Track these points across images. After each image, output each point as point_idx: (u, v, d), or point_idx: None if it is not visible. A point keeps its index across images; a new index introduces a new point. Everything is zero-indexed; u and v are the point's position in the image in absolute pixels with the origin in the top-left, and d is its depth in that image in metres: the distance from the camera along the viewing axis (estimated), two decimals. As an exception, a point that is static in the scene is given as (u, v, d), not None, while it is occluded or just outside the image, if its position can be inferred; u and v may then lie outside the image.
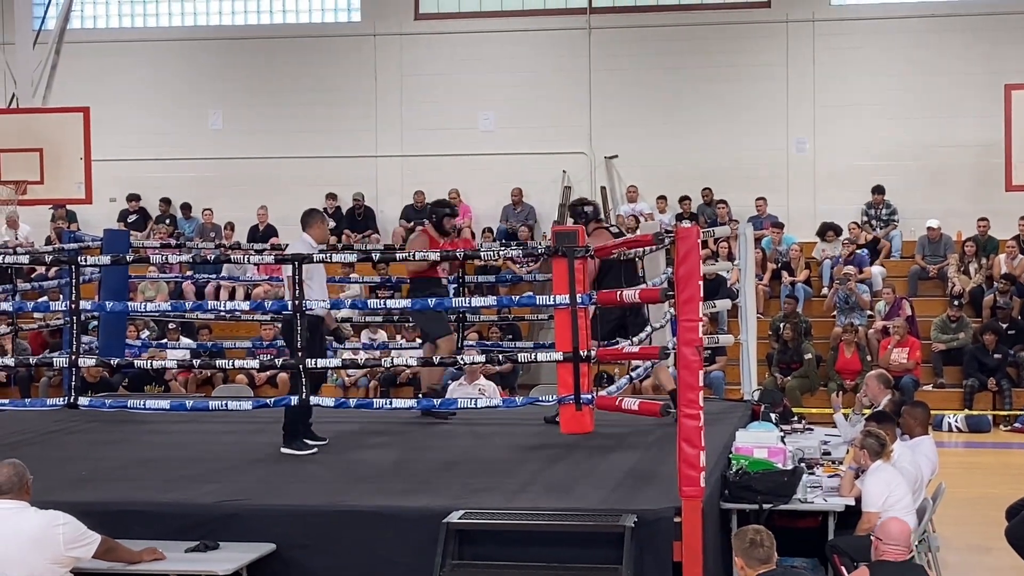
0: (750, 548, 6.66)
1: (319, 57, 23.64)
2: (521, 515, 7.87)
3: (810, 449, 10.37)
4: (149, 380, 17.01)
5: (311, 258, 9.67)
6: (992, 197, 20.51)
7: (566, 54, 23.09)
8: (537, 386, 15.49)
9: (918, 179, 21.95)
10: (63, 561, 6.85)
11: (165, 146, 23.69)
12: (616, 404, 9.29)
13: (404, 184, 23.37)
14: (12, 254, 12.75)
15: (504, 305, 10.68)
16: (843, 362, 19.00)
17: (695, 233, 7.94)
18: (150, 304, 13.55)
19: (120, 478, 9.33)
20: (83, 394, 10.44)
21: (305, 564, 7.93)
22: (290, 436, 9.94)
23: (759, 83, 22.50)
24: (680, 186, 22.45)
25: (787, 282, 20.71)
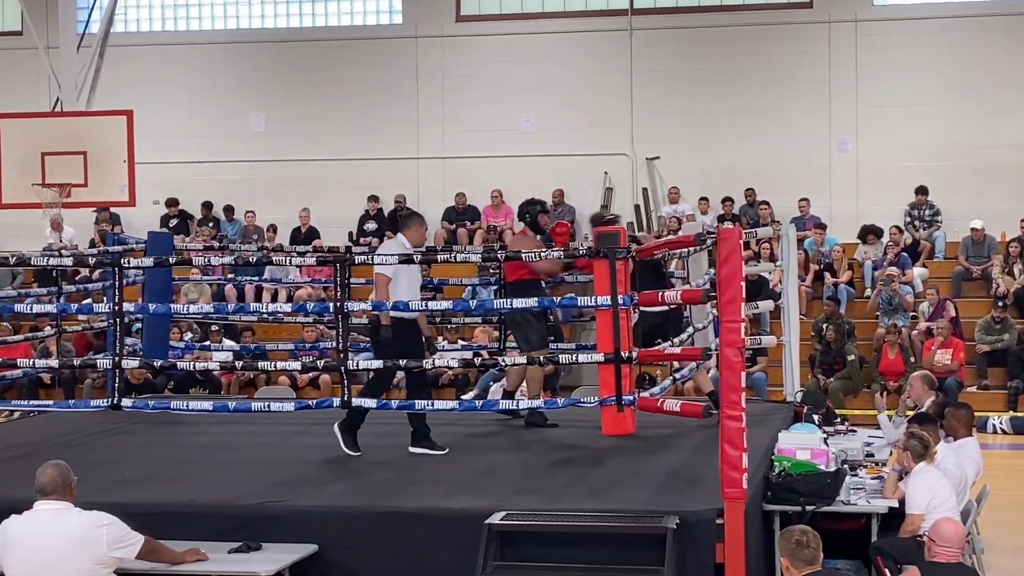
0: (796, 549, 6.62)
1: (361, 59, 23.70)
2: (563, 516, 7.86)
3: (853, 451, 10.32)
4: (194, 382, 17.08)
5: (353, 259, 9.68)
6: (1037, 197, 20.37)
7: (607, 55, 23.05)
8: (579, 387, 15.49)
9: (962, 180, 21.79)
10: (107, 562, 6.88)
11: (208, 149, 23.80)
12: (658, 406, 9.26)
13: (445, 186, 23.39)
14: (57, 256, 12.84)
15: (546, 307, 10.64)
16: (886, 363, 18.88)
17: (737, 234, 7.91)
18: (193, 306, 13.62)
19: (163, 479, 9.38)
20: (127, 396, 10.50)
21: (347, 565, 7.94)
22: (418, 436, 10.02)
23: (801, 84, 22.40)
24: (722, 187, 22.37)
25: (830, 283, 20.61)
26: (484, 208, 23.15)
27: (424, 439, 10.02)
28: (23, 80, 23.23)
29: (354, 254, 10.62)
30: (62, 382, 19.32)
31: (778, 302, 12.91)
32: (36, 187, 15.89)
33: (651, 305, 9.60)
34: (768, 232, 15.11)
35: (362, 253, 11.12)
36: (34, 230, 21.65)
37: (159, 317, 12.46)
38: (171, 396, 14.95)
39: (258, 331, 19.30)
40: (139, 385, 15.88)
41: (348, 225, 23.20)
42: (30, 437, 11.34)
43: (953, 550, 7.17)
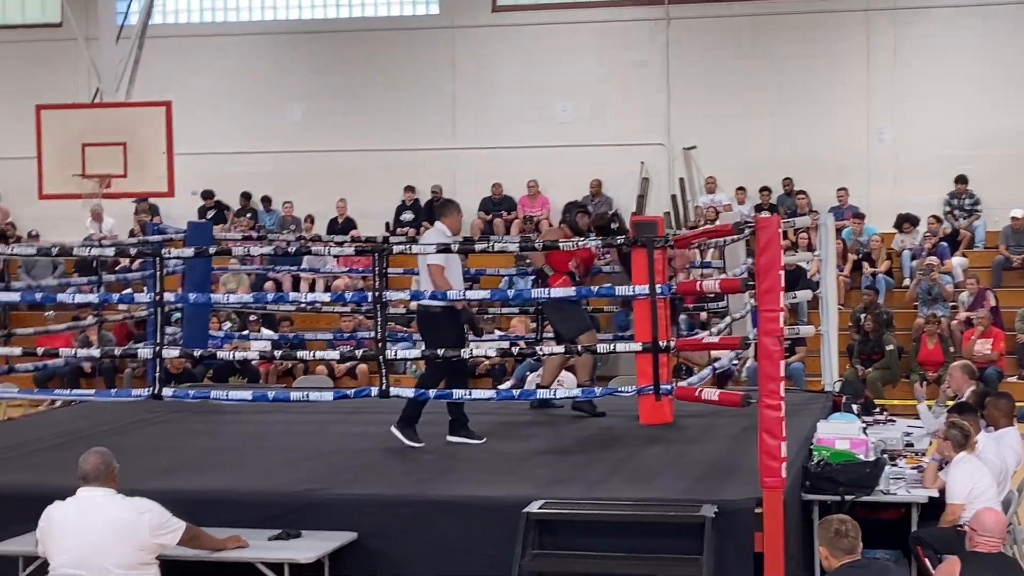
0: (835, 538, 6.62)
1: (397, 50, 23.73)
2: (601, 505, 7.88)
3: (892, 440, 10.29)
4: (233, 371, 17.17)
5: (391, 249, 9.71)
6: (1077, 186, 20.22)
7: (644, 44, 23.00)
8: (616, 377, 15.49)
9: (1002, 168, 21.62)
10: (149, 548, 6.93)
11: (246, 139, 23.89)
12: (696, 395, 9.25)
13: (482, 176, 23.39)
14: (97, 246, 12.93)
15: (583, 296, 10.65)
16: (925, 353, 18.79)
17: (775, 223, 7.91)
18: (232, 296, 13.69)
19: (204, 467, 9.45)
20: (167, 385, 10.56)
21: (386, 553, 7.99)
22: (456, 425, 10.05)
23: (839, 72, 22.30)
24: (759, 177, 22.30)
25: (868, 273, 20.51)
26: (520, 198, 23.16)
27: (462, 428, 10.05)
28: (63, 72, 23.37)
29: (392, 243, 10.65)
30: (102, 371, 19.45)
31: (816, 292, 12.87)
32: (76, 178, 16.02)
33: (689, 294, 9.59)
34: (806, 221, 15.03)
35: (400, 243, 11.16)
36: (75, 221, 21.78)
37: (199, 307, 12.54)
38: (210, 385, 15.03)
39: (296, 320, 19.39)
40: (178, 374, 15.97)
41: (384, 215, 23.26)
42: (72, 425, 11.43)
43: (994, 540, 7.13)
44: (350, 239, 17.04)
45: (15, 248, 13.45)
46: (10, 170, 23.00)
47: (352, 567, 7.91)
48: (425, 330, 10.14)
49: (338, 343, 15.85)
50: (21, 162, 19.92)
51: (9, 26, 24.87)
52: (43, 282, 15.76)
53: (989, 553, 7.09)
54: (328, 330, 18.14)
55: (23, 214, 23.93)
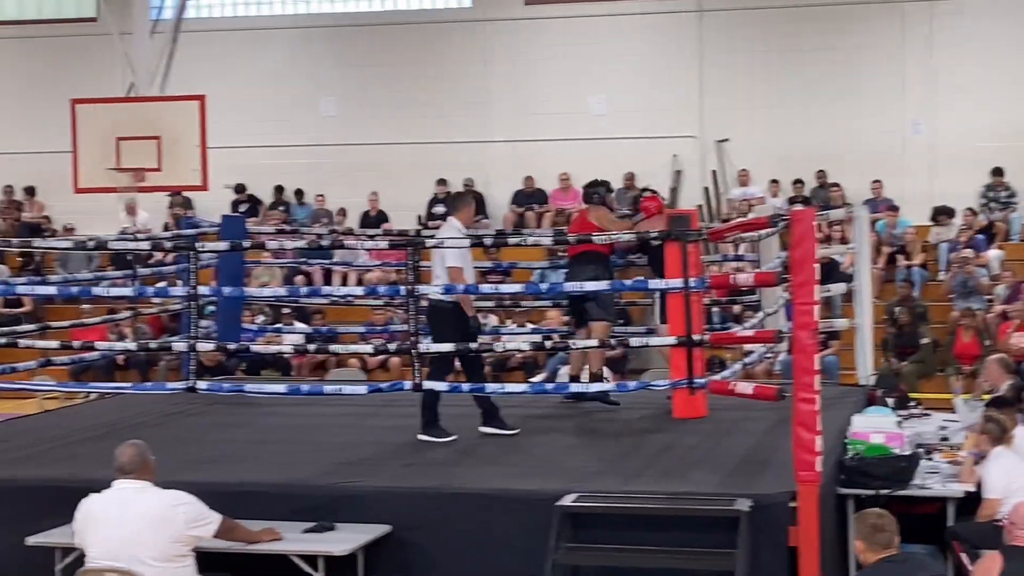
0: (872, 532, 6.58)
1: (431, 43, 23.75)
2: (635, 499, 7.87)
3: (928, 434, 10.25)
4: (265, 364, 17.24)
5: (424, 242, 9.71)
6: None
7: (677, 37, 22.95)
8: (648, 370, 15.46)
9: (1038, 160, 21.50)
10: (184, 540, 6.96)
11: (279, 133, 23.96)
12: (730, 388, 9.23)
13: (515, 169, 23.39)
14: (132, 240, 12.99)
15: (616, 289, 10.62)
16: (961, 347, 18.68)
17: (810, 216, 7.88)
18: (266, 289, 13.72)
19: (239, 459, 9.48)
20: (201, 378, 10.61)
21: (420, 545, 8.00)
22: (489, 416, 10.06)
23: (874, 64, 22.18)
24: (793, 169, 22.22)
25: (903, 266, 20.41)
26: (552, 191, 23.14)
27: (495, 419, 10.03)
28: (98, 66, 23.47)
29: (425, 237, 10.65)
30: (136, 364, 19.54)
31: (850, 285, 12.81)
32: (111, 172, 16.11)
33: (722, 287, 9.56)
34: (840, 214, 14.99)
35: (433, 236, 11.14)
36: (109, 214, 21.88)
37: (232, 300, 12.57)
38: (244, 378, 15.08)
39: (328, 314, 19.41)
40: (212, 367, 16.03)
41: (417, 209, 23.29)
42: (107, 418, 11.49)
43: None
44: (382, 232, 17.07)
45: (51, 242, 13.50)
46: (46, 164, 23.15)
47: (386, 560, 7.93)
48: (433, 324, 10.13)
49: (370, 336, 15.86)
50: (56, 156, 20.04)
51: (45, 21, 25.00)
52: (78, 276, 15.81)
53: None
54: (360, 323, 18.15)
55: (58, 208, 24.09)
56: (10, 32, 24.92)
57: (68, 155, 16.65)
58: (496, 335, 14.72)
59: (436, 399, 9.92)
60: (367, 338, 15.59)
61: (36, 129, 23.61)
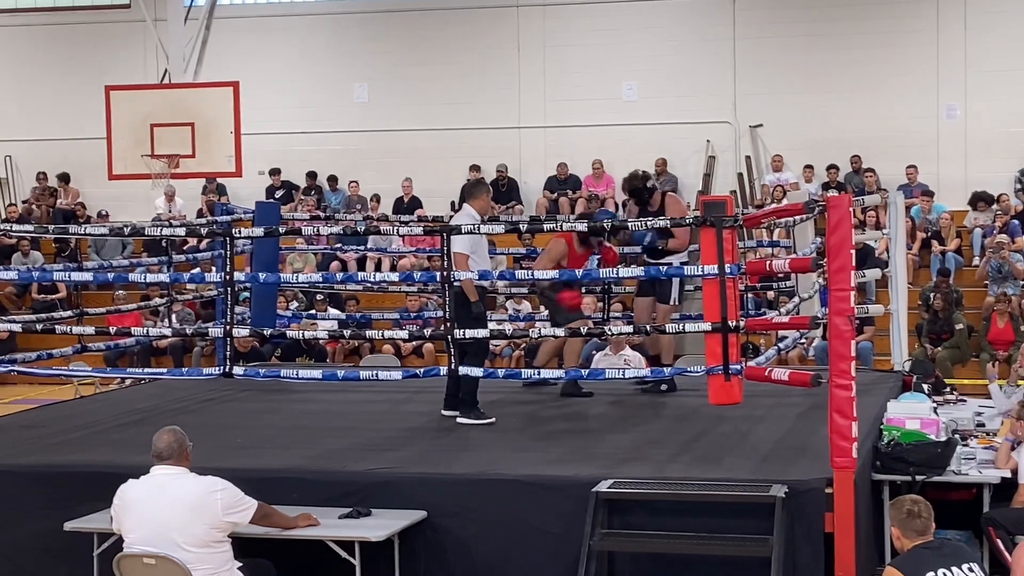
0: (907, 519, 6.56)
1: (463, 29, 23.75)
2: (671, 484, 7.88)
3: (963, 420, 10.20)
4: (300, 351, 17.30)
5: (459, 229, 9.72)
6: None
7: (710, 21, 22.87)
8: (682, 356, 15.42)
9: (1075, 145, 21.36)
10: (221, 526, 7.00)
11: (312, 119, 24.02)
12: (765, 374, 9.20)
13: (547, 155, 23.40)
14: (168, 226, 13.05)
15: (651, 276, 10.60)
16: (996, 332, 18.59)
17: (847, 202, 7.85)
18: (302, 275, 13.76)
19: (275, 445, 9.52)
20: (235, 363, 10.65)
21: (455, 531, 8.02)
22: (466, 406, 10.06)
23: (908, 48, 22.06)
24: (827, 155, 22.13)
25: (937, 251, 20.32)
26: (585, 178, 23.12)
27: (472, 409, 10.04)
28: (132, 53, 23.62)
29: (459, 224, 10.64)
30: (171, 350, 19.66)
31: (885, 270, 12.76)
32: (145, 158, 16.19)
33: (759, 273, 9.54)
34: (876, 200, 14.94)
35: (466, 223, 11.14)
36: (143, 201, 22.02)
37: (267, 286, 12.61)
38: (280, 364, 15.14)
39: (362, 300, 19.48)
40: (246, 353, 16.09)
41: (450, 195, 23.21)
42: (143, 404, 11.55)
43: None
44: (416, 218, 17.09)
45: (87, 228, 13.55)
46: (81, 150, 23.30)
47: (421, 545, 7.96)
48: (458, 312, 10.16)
49: (404, 323, 15.91)
50: (91, 142, 20.19)
51: (79, 8, 25.11)
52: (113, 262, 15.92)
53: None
54: (394, 309, 18.22)
55: (93, 194, 24.22)
56: (44, 19, 25.04)
57: (102, 142, 16.73)
58: (531, 321, 14.73)
59: (475, 383, 9.94)
60: (402, 324, 15.63)
61: (70, 116, 23.74)
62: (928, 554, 6.50)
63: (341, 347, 19.18)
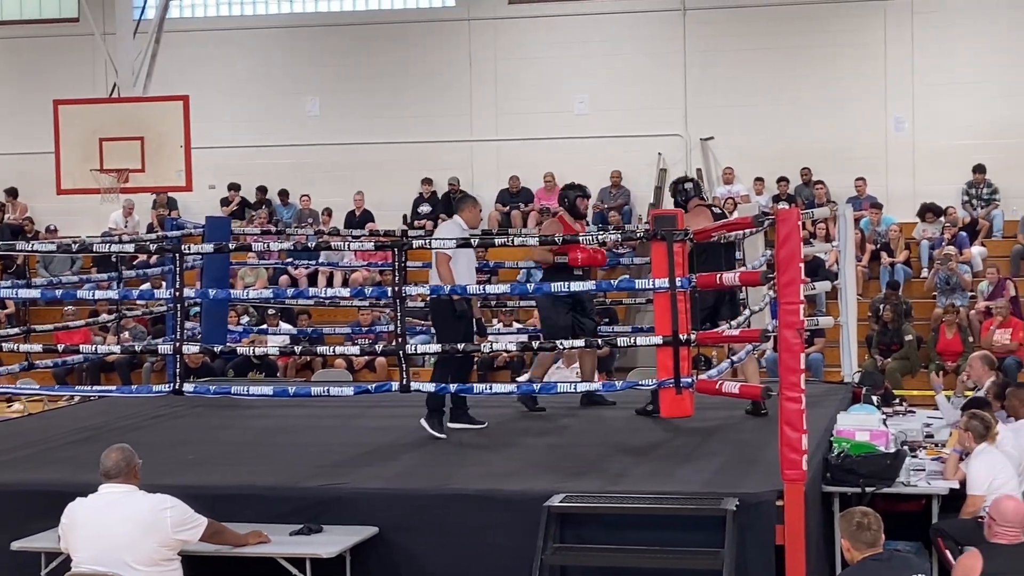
0: (857, 531, 6.60)
1: (414, 42, 23.73)
2: (622, 498, 7.89)
3: (912, 432, 10.28)
4: (252, 366, 17.22)
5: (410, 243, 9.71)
6: (1097, 174, 20.15)
7: (660, 35, 22.96)
8: (634, 369, 15.49)
9: (1020, 157, 21.48)
10: (171, 544, 6.96)
11: (263, 133, 23.92)
12: (716, 388, 9.24)
13: (499, 168, 23.40)
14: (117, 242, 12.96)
15: (602, 289, 10.63)
16: (944, 343, 18.74)
17: (795, 215, 7.89)
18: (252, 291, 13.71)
19: (225, 462, 9.48)
20: (185, 380, 10.59)
21: (408, 547, 8.00)
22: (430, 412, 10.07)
23: (857, 62, 22.22)
24: (777, 167, 22.24)
25: (886, 263, 20.46)
26: (537, 191, 23.15)
27: (437, 417, 10.04)
28: (80, 67, 23.44)
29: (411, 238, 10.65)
30: (117, 366, 19.48)
31: (835, 282, 12.84)
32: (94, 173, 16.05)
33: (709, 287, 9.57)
34: (825, 213, 15.04)
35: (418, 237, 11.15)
36: (92, 215, 21.82)
37: (218, 302, 12.55)
38: (231, 380, 15.06)
39: (314, 314, 19.41)
40: (196, 369, 16.01)
41: (402, 208, 23.28)
42: (92, 421, 11.48)
43: (1015, 530, 7.07)
44: (368, 232, 17.06)
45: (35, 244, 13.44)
46: (28, 165, 23.11)
47: (374, 561, 7.93)
48: (436, 318, 10.18)
49: (356, 337, 15.87)
50: (39, 157, 19.99)
51: (27, 21, 24.91)
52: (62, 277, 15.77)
53: (1011, 544, 7.03)
54: (346, 324, 18.16)
55: (41, 208, 23.99)
56: (-9, 33, 24.85)
57: (50, 156, 16.56)
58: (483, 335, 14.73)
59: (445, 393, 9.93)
60: (353, 338, 15.60)
61: (18, 130, 23.55)
62: (877, 566, 6.55)
63: (293, 362, 19.11)
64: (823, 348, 18.06)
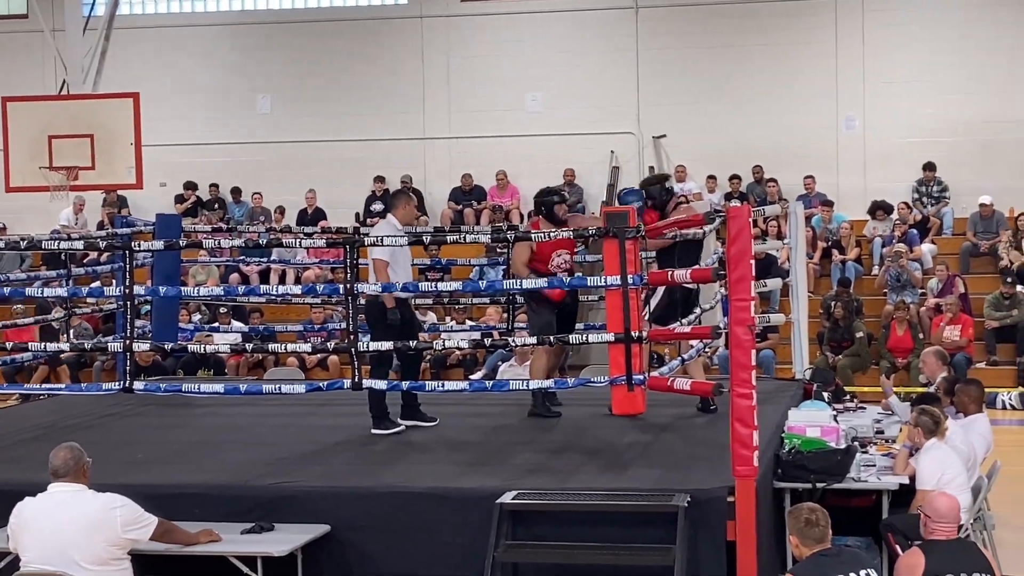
0: (805, 527, 6.64)
1: (367, 40, 23.68)
2: (574, 495, 7.89)
3: (863, 428, 10.33)
4: (203, 364, 17.13)
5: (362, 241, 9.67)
6: (1046, 173, 20.36)
7: (613, 33, 23.01)
8: (587, 367, 15.50)
9: (970, 155, 21.73)
10: (121, 543, 6.91)
11: (214, 131, 23.81)
12: (668, 384, 9.26)
13: (452, 166, 23.39)
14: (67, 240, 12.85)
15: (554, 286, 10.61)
16: (895, 340, 18.89)
17: (746, 212, 7.92)
18: (203, 288, 13.64)
19: (176, 461, 9.42)
20: (136, 378, 10.51)
21: (359, 545, 7.98)
22: (376, 418, 10.00)
23: (808, 61, 22.36)
24: (729, 165, 22.35)
25: (838, 261, 20.60)
26: (490, 188, 23.15)
27: (384, 420, 9.99)
28: (29, 63, 23.25)
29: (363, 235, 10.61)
30: (70, 365, 19.34)
31: (786, 280, 12.90)
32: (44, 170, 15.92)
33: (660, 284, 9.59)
34: (776, 210, 15.12)
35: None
36: (41, 213, 21.64)
37: (169, 299, 12.48)
38: (181, 379, 14.98)
39: (266, 312, 19.35)
40: (147, 367, 15.91)
41: (354, 206, 23.22)
42: (41, 420, 11.37)
43: (950, 525, 7.08)
44: (320, 230, 17.00)
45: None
46: (-24, 163, 22.87)
47: (325, 560, 7.91)
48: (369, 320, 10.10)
49: (309, 335, 15.83)
50: (-13, 155, 19.79)
51: (-26, 18, 24.71)
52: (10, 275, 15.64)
53: (947, 540, 7.05)
54: (298, 321, 18.12)
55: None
56: (-61, 29, 24.60)
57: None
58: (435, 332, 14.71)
59: (382, 394, 9.90)
60: (305, 336, 15.55)
61: (-33, 127, 23.31)
62: (827, 561, 6.58)
63: (245, 360, 19.03)
64: (775, 345, 18.15)
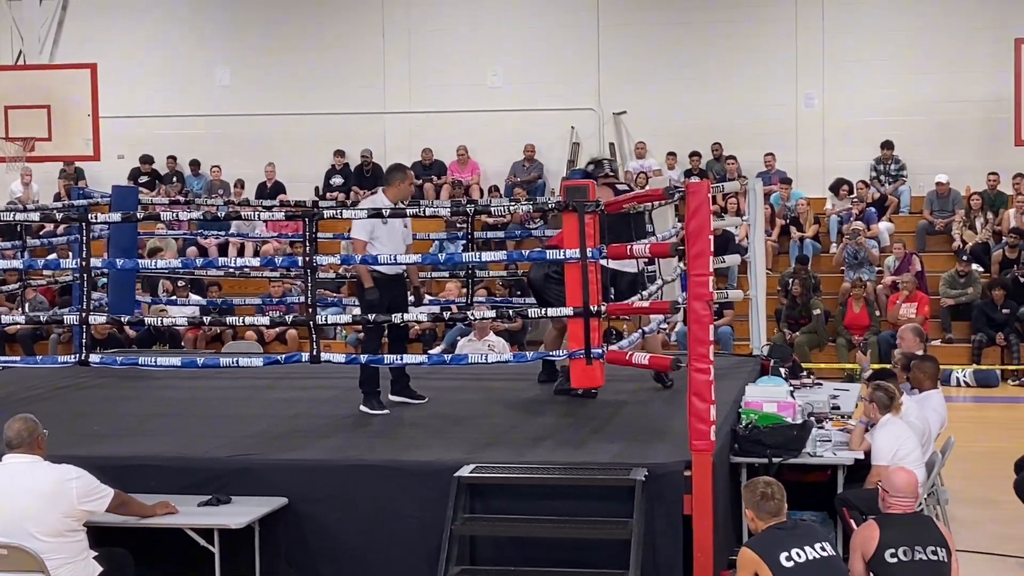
0: (761, 501, 6.68)
1: (327, 13, 23.55)
2: (532, 469, 7.93)
3: (819, 404, 10.39)
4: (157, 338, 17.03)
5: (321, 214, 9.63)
6: (1002, 152, 20.46)
7: (575, 9, 22.98)
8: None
9: (927, 134, 21.85)
10: (76, 515, 6.88)
11: (173, 103, 23.65)
12: (627, 359, 9.29)
13: (412, 141, 23.32)
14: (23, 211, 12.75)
15: (513, 260, 10.63)
16: (851, 317, 19.01)
17: (705, 188, 7.94)
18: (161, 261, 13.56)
19: (133, 433, 9.38)
20: (92, 351, 10.45)
21: (317, 518, 7.99)
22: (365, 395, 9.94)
23: (768, 38, 22.40)
24: (689, 142, 22.38)
25: (796, 238, 20.68)
26: (450, 163, 23.11)
27: (374, 397, 9.95)
28: (-16, 33, 23.00)
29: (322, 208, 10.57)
30: (19, 338, 19.15)
31: (745, 256, 12.94)
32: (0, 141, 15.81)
33: (620, 259, 9.60)
34: (735, 186, 15.12)
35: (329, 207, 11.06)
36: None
37: (125, 272, 12.40)
38: (137, 352, 14.89)
39: (224, 286, 19.26)
40: (103, 340, 15.82)
41: (314, 180, 23.14)
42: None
43: (907, 500, 7.15)
44: (279, 203, 16.93)
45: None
46: (-69, 133, 22.62)
47: (282, 532, 7.92)
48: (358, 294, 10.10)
49: (267, 308, 15.76)
50: (-58, 125, 19.58)
51: (-72, -14, 24.40)
52: (-34, 247, 15.53)
53: (904, 513, 7.13)
54: (257, 295, 18.03)
55: (-56, 178, 23.56)
56: None
57: (-46, 124, 16.29)
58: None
59: (374, 369, 9.85)
60: (264, 310, 15.49)
61: (-79, 97, 23.06)
62: (782, 534, 6.63)
63: (203, 334, 18.94)
64: (732, 321, 18.24)
